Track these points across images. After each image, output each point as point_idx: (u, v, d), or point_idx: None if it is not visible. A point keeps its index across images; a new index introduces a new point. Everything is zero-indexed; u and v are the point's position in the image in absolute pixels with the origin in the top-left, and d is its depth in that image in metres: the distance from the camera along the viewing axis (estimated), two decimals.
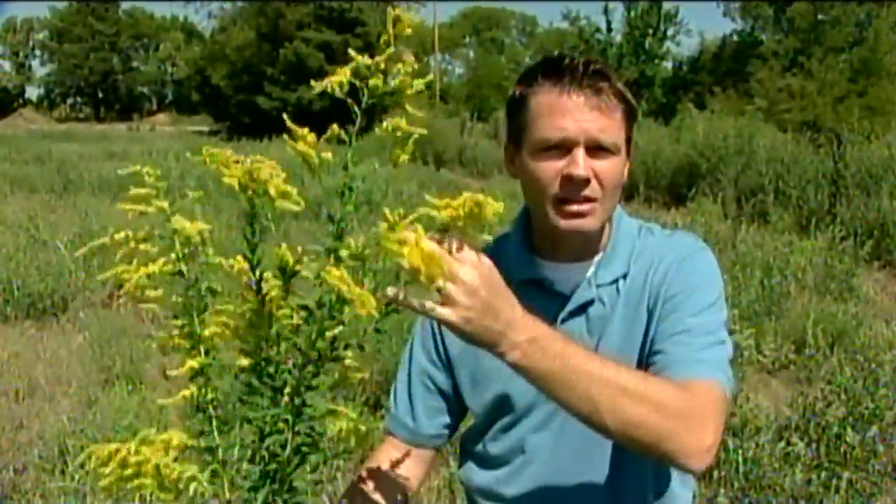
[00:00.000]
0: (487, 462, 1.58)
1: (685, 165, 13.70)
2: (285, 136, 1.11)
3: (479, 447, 1.59)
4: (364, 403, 4.60)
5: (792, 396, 4.77)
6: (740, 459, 3.65)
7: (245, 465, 1.17)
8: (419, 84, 1.13)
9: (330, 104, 1.47)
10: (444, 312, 1.06)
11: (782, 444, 3.83)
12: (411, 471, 1.59)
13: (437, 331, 1.58)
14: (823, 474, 3.63)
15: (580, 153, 1.34)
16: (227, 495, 1.16)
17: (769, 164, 11.93)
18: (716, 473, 3.67)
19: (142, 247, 1.12)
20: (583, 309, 1.46)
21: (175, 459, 1.12)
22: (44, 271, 7.33)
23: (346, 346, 1.14)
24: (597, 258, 1.49)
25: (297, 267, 1.13)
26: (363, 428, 1.22)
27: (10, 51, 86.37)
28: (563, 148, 1.35)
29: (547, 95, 1.37)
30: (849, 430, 3.81)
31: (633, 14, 30.24)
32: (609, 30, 30.76)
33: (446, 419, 1.63)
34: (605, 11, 30.58)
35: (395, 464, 1.58)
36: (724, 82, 28.10)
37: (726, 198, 11.69)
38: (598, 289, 1.46)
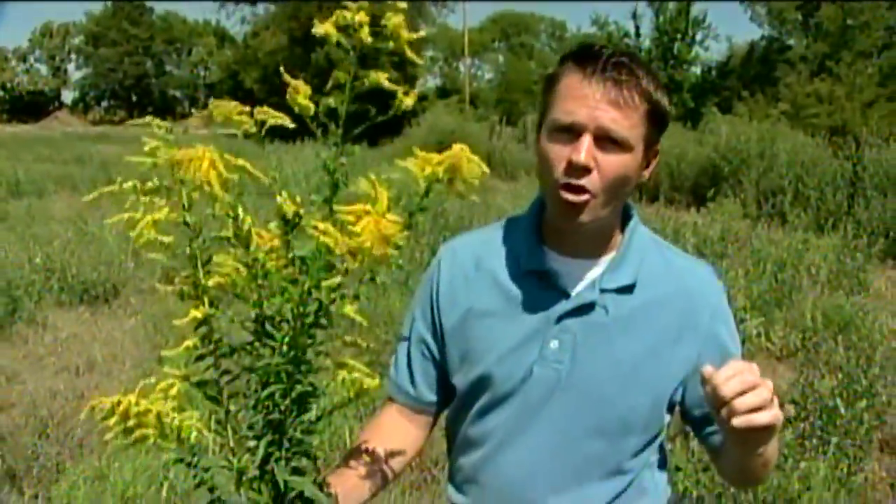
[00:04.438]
0: (468, 445, 1.57)
1: (708, 168, 13.99)
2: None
3: (462, 429, 1.58)
4: (367, 364, 4.96)
5: (794, 378, 5.10)
6: None
7: (247, 415, 1.20)
8: (410, 36, 1.16)
9: (359, 107, 1.43)
10: (776, 415, 1.17)
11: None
12: (411, 434, 1.61)
13: (435, 302, 1.57)
14: (815, 440, 3.96)
15: (586, 140, 1.33)
16: (231, 443, 1.21)
17: (790, 166, 12.21)
18: None
19: (148, 198, 1.15)
20: (583, 310, 1.44)
21: (175, 409, 1.14)
22: (95, 260, 7.79)
23: (343, 297, 1.14)
24: (605, 260, 1.47)
25: (297, 219, 1.14)
26: (365, 379, 1.22)
27: (47, 55, 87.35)
28: (573, 133, 1.34)
29: (570, 79, 1.36)
30: (839, 401, 4.13)
31: (661, 19, 29.99)
32: (638, 34, 30.32)
33: (444, 387, 1.62)
34: (634, 16, 30.20)
35: (396, 427, 1.60)
36: (752, 87, 28.04)
37: (747, 199, 11.97)
38: (601, 293, 1.44)
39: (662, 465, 1.58)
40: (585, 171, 1.33)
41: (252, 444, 1.19)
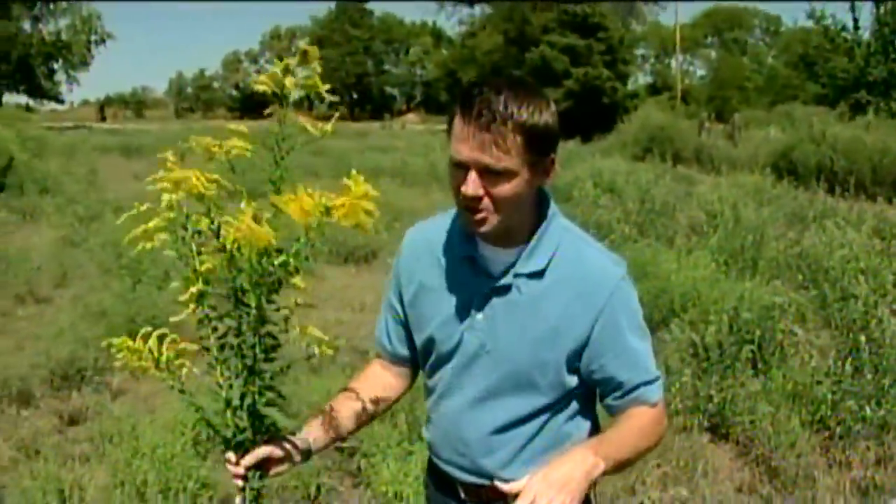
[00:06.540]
0: (427, 392, 1.87)
1: None
2: None
3: (425, 379, 1.88)
4: None
5: None
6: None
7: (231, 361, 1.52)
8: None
9: (573, 104, 2.08)
10: None
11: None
12: (390, 382, 1.90)
13: (399, 274, 1.85)
14: None
15: (472, 175, 1.53)
16: (220, 378, 1.52)
17: None
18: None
19: (160, 215, 1.47)
20: (502, 291, 1.67)
21: (170, 350, 1.50)
22: (355, 230, 9.62)
23: (297, 270, 1.48)
24: (522, 248, 1.68)
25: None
26: (318, 336, 1.52)
27: (276, 56, 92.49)
28: (463, 168, 1.55)
29: (457, 122, 1.55)
30: None
31: (882, 10, 28.22)
32: (856, 28, 28.14)
33: (414, 345, 1.87)
34: (853, 8, 27.82)
35: (377, 376, 1.89)
36: None
37: None
38: (515, 278, 1.66)
39: (587, 418, 1.80)
40: (476, 199, 1.55)
41: (232, 380, 1.52)
